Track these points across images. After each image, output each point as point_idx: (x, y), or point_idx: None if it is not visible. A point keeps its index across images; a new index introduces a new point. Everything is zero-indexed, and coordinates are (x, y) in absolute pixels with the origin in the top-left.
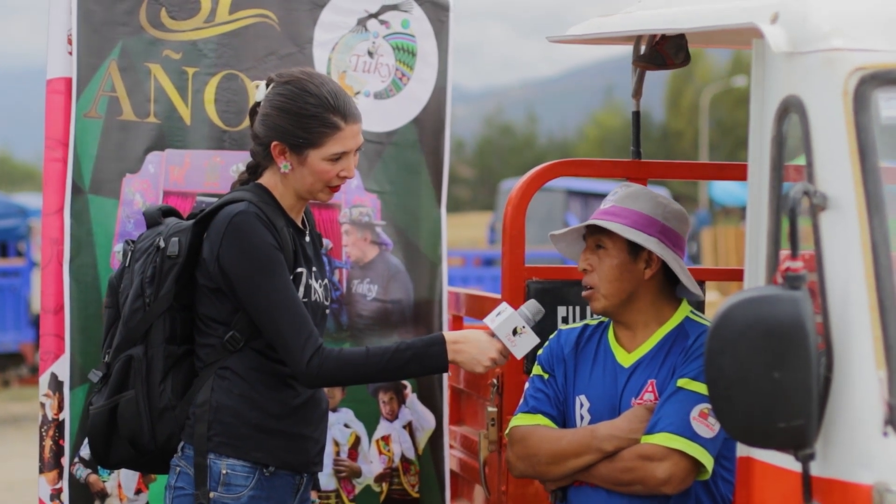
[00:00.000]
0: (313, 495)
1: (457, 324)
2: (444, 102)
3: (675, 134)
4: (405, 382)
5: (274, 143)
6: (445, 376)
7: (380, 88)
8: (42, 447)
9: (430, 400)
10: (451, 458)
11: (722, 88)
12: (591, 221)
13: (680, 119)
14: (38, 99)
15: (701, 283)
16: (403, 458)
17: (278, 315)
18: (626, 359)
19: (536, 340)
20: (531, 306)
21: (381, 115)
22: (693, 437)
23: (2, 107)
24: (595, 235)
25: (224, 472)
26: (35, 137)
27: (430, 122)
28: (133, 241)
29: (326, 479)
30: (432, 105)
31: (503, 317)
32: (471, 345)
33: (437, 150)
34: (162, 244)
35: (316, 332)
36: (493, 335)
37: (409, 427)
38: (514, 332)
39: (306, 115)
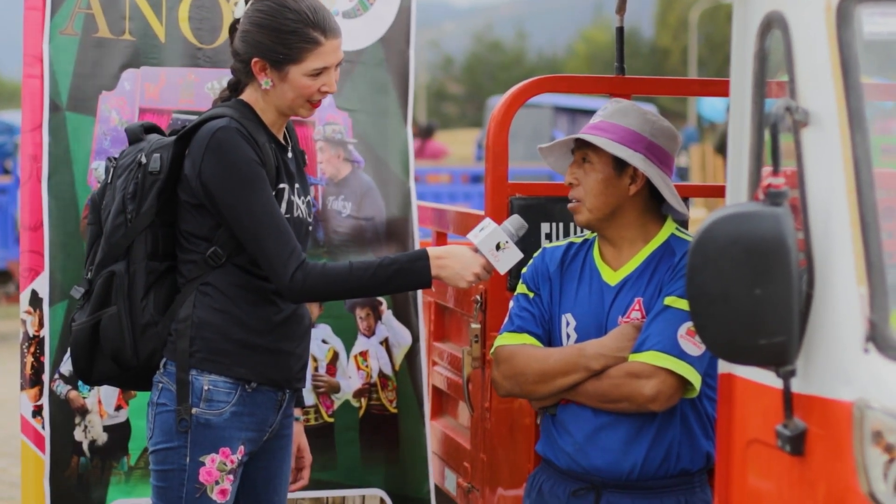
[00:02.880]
0: (297, 412)
1: (441, 241)
2: (409, 23)
3: (664, 51)
4: (381, 299)
5: (254, 59)
6: (420, 293)
7: (347, 7)
8: (23, 364)
9: (406, 316)
10: (436, 374)
11: (711, 4)
12: (577, 135)
13: (669, 35)
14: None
15: (686, 200)
16: (381, 374)
17: (261, 230)
18: (612, 277)
19: (520, 255)
20: (514, 221)
21: (349, 34)
22: (680, 355)
23: None
24: (582, 150)
25: (206, 387)
26: (21, 54)
27: (395, 42)
28: (115, 158)
29: (305, 395)
30: (397, 25)
31: (486, 232)
32: (454, 260)
33: (403, 71)
34: (144, 160)
35: (299, 247)
36: (476, 251)
37: (385, 343)
38: (498, 247)
39: (286, 31)
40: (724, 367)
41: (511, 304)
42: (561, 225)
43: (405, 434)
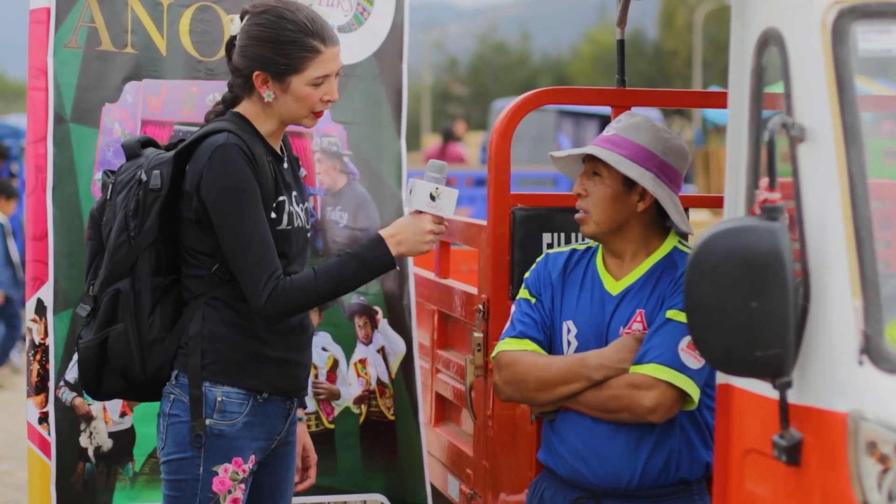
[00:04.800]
0: (300, 412)
1: (444, 250)
2: (402, 38)
3: (669, 52)
4: (376, 307)
5: (256, 73)
6: (413, 301)
7: (343, 22)
8: (29, 371)
9: (401, 325)
10: (439, 382)
11: (716, 6)
12: (589, 149)
13: (674, 37)
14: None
15: (686, 211)
16: (379, 382)
17: (243, 252)
18: (614, 286)
19: (455, 192)
20: (431, 167)
21: (344, 48)
22: (681, 368)
23: None
24: (593, 162)
25: (219, 399)
26: (26, 56)
27: (388, 57)
28: (112, 173)
29: (305, 402)
30: (391, 40)
31: (415, 191)
32: (405, 230)
33: (397, 84)
34: (144, 177)
35: (279, 272)
36: (419, 213)
37: (382, 351)
38: (432, 197)
39: (286, 42)
40: (721, 377)
41: (513, 308)
42: (563, 235)
43: (402, 440)
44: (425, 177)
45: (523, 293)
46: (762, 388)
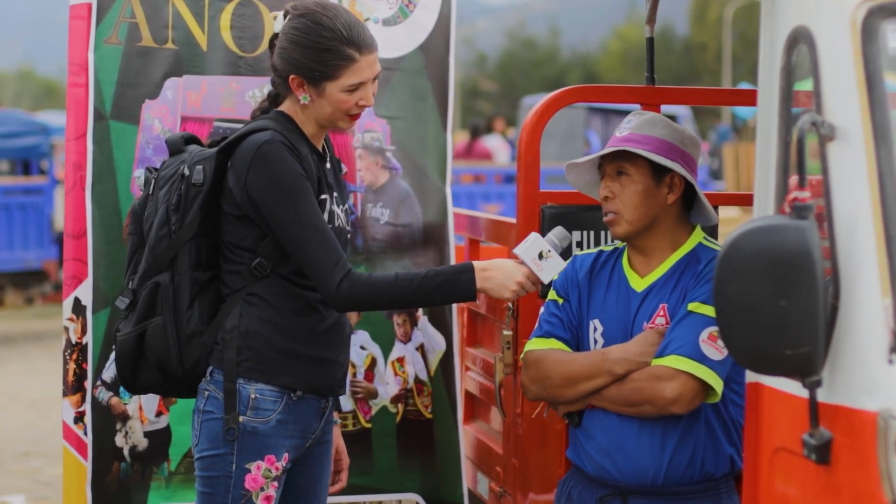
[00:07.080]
0: (334, 415)
1: (473, 247)
2: (448, 30)
3: (699, 47)
4: None
5: (292, 76)
6: None
7: (388, 15)
8: (66, 371)
9: (441, 322)
10: (468, 380)
11: (745, 2)
12: (618, 147)
13: (704, 32)
14: (60, 12)
15: (716, 209)
16: (417, 380)
17: (307, 240)
18: (639, 283)
19: (563, 265)
20: (558, 232)
21: (389, 41)
22: (702, 359)
23: (23, 19)
24: (616, 162)
25: (253, 396)
26: (57, 51)
27: (435, 49)
28: (155, 169)
29: (343, 401)
30: (437, 32)
31: (529, 242)
32: (498, 271)
33: (443, 77)
34: (187, 172)
35: (344, 257)
36: (521, 262)
37: (421, 349)
38: (540, 256)
39: (321, 49)
40: (751, 376)
41: (541, 310)
42: (592, 233)
43: (440, 439)
44: (546, 236)
45: (551, 294)
46: (792, 387)
